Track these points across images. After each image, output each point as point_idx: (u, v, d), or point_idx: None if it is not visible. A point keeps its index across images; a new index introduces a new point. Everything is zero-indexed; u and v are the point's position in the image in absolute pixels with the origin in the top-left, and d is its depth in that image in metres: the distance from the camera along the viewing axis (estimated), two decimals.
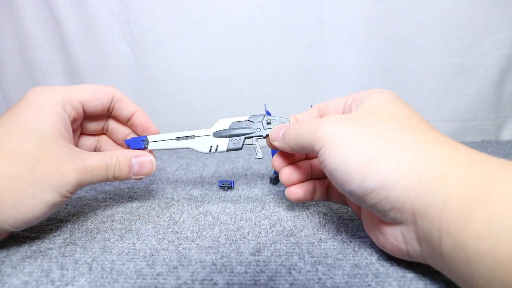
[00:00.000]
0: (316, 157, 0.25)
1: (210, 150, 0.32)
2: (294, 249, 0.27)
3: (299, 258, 0.26)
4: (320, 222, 0.31)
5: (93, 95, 0.30)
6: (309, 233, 0.29)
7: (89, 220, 0.32)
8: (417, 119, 0.23)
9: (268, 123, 0.31)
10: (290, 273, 0.24)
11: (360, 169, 0.22)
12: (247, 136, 0.32)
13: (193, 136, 0.32)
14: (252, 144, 0.32)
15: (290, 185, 0.30)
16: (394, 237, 0.23)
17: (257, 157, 0.32)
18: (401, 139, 0.22)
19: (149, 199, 0.37)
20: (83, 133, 0.34)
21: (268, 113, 0.38)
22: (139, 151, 0.32)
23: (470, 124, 0.57)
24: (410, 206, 0.20)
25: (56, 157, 0.26)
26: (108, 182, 0.42)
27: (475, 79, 0.54)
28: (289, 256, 0.26)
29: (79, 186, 0.27)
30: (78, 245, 0.28)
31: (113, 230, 0.30)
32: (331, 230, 0.30)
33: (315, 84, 0.56)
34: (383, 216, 0.22)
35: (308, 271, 0.24)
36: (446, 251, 0.19)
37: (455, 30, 0.51)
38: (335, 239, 0.28)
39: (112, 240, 0.29)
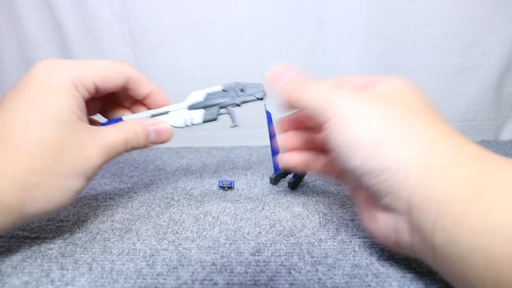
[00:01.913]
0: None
1: (185, 123, 0.31)
2: (294, 249, 0.27)
3: (299, 258, 0.26)
4: (320, 222, 0.31)
5: (107, 75, 0.28)
6: (309, 233, 0.29)
7: (89, 220, 0.32)
8: (433, 111, 0.23)
9: (242, 90, 0.31)
10: (290, 273, 0.24)
11: (368, 147, 0.21)
12: (222, 106, 0.31)
13: (167, 112, 0.31)
14: (227, 113, 0.31)
15: (287, 151, 0.30)
16: (386, 225, 0.22)
17: (232, 125, 0.31)
18: (414, 126, 0.21)
19: (149, 199, 0.37)
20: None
21: (268, 113, 0.38)
22: (155, 119, 0.31)
23: (470, 124, 0.57)
24: (407, 194, 0.20)
25: (79, 144, 0.25)
26: (108, 183, 0.42)
27: (475, 79, 0.54)
28: (289, 256, 0.26)
29: (103, 165, 0.27)
30: (78, 245, 0.28)
31: (113, 230, 0.30)
32: (331, 230, 0.30)
33: None
34: (379, 200, 0.22)
35: (308, 271, 0.24)
36: (438, 245, 0.18)
37: (455, 30, 0.51)
38: (335, 239, 0.28)
39: (112, 240, 0.29)
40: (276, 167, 0.41)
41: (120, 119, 0.31)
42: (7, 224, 0.23)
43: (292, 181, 0.38)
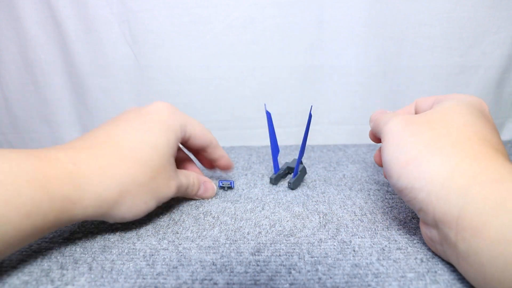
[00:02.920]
0: None
1: None
2: (294, 249, 0.27)
3: (299, 258, 0.26)
4: (320, 222, 0.31)
5: (202, 133, 0.34)
6: (309, 233, 0.29)
7: (89, 220, 0.32)
8: (471, 132, 0.24)
9: None
10: (290, 273, 0.24)
11: (398, 167, 0.25)
12: None
13: None
14: None
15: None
16: (425, 235, 0.25)
17: None
18: (440, 149, 0.24)
19: None
20: None
21: (268, 113, 0.38)
22: (206, 178, 0.37)
23: None
24: (432, 210, 0.23)
25: (168, 174, 0.30)
26: None
27: (475, 79, 0.54)
28: (289, 256, 0.26)
29: (169, 199, 0.31)
30: (78, 244, 0.28)
31: (113, 230, 0.30)
32: (331, 230, 0.30)
33: (315, 84, 0.56)
34: (417, 213, 0.25)
35: (308, 271, 0.24)
36: (461, 254, 0.21)
37: (455, 30, 0.51)
38: (335, 239, 0.28)
39: (112, 240, 0.29)
40: (276, 167, 0.41)
41: None
42: (93, 215, 0.25)
43: (292, 181, 0.38)
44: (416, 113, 0.33)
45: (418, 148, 0.24)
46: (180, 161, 0.38)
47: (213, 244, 0.28)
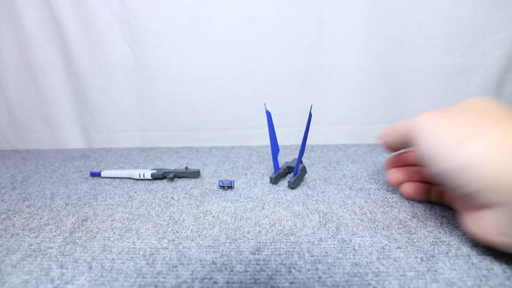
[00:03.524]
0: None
1: (140, 175, 0.43)
2: (294, 248, 0.27)
3: (299, 257, 0.26)
4: (320, 222, 0.31)
5: None
6: (309, 232, 0.29)
7: (89, 220, 0.32)
8: (505, 114, 0.25)
9: (186, 168, 0.43)
10: (290, 271, 0.24)
11: (447, 150, 0.24)
12: (166, 172, 0.42)
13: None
14: (170, 177, 0.42)
15: (397, 184, 0.35)
16: (489, 224, 0.23)
17: (168, 178, 0.43)
18: (485, 125, 0.24)
19: (149, 198, 0.37)
20: None
21: (268, 113, 0.38)
22: None
23: None
24: (507, 184, 0.21)
25: None
26: (108, 182, 0.42)
27: (475, 79, 0.54)
28: (289, 255, 0.26)
29: None
30: (78, 244, 0.28)
31: (113, 229, 0.30)
32: (331, 229, 0.30)
33: (315, 84, 0.56)
34: (474, 198, 0.23)
35: (308, 270, 0.24)
36: None
37: (455, 30, 0.51)
38: (335, 238, 0.28)
39: (112, 239, 0.29)
40: (276, 166, 0.41)
41: (99, 173, 0.44)
42: None
43: (292, 180, 0.38)
44: None
45: (462, 130, 0.24)
46: None
47: (213, 243, 0.28)
